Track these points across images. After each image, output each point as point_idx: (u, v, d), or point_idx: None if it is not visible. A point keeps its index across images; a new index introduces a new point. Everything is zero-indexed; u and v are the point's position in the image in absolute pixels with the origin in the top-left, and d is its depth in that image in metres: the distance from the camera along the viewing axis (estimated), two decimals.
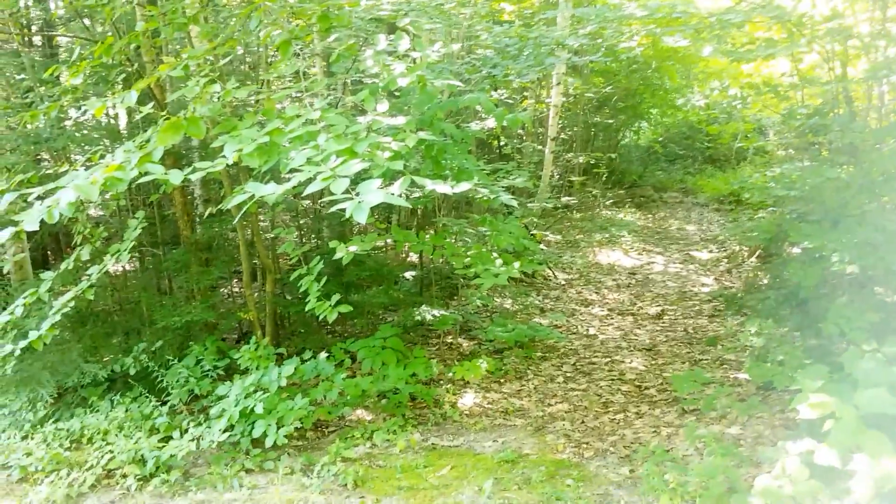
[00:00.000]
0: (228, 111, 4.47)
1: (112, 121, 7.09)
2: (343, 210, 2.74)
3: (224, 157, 3.53)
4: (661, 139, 19.44)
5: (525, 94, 13.97)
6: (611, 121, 15.62)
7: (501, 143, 12.74)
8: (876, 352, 4.41)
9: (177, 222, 6.70)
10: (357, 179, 3.01)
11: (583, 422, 5.63)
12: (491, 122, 8.60)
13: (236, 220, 5.60)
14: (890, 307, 5.67)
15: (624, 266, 11.15)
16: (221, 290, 7.68)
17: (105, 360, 5.91)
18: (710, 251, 12.11)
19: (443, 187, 3.31)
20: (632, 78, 14.37)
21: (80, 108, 6.70)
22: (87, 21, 7.19)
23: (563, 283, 10.01)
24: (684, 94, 18.02)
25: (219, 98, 3.80)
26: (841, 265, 4.73)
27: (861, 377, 4.23)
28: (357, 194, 2.81)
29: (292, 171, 3.17)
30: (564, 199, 12.46)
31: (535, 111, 13.32)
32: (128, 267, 7.27)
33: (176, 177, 3.44)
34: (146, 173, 3.49)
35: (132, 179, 3.60)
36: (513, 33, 7.46)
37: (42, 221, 3.38)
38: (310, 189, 2.96)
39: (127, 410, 5.30)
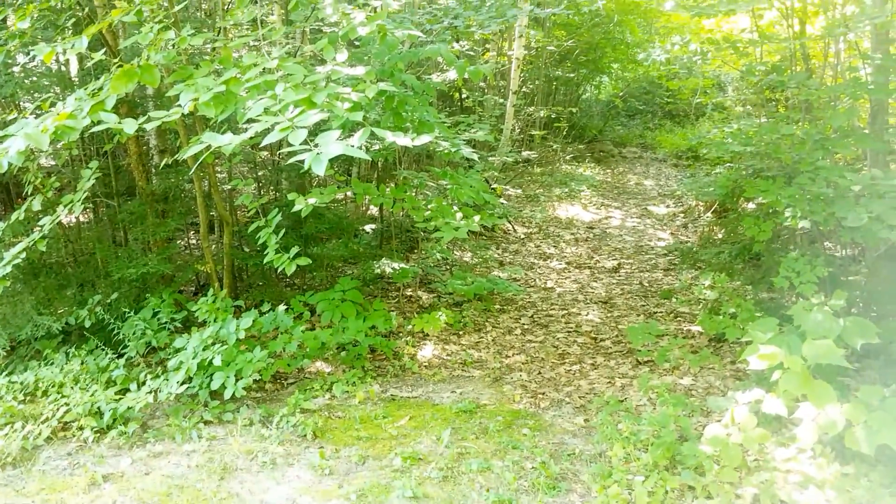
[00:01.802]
0: (184, 59, 4.37)
1: (63, 67, 6.86)
2: (302, 162, 2.72)
3: (179, 106, 3.46)
4: (621, 94, 19.49)
5: (487, 46, 13.85)
6: (572, 75, 15.60)
7: (463, 96, 12.66)
8: (823, 305, 4.54)
9: (132, 173, 6.57)
10: (316, 130, 2.98)
11: (539, 373, 5.73)
12: (452, 74, 8.53)
13: (192, 170, 5.51)
14: (838, 261, 5.83)
15: (582, 220, 11.25)
16: (178, 241, 7.57)
17: (59, 312, 5.82)
18: (668, 206, 12.26)
19: (403, 140, 3.28)
20: (593, 32, 14.33)
21: (28, 54, 6.49)
22: None
23: (522, 236, 10.07)
24: (645, 49, 18.04)
25: (174, 45, 3.70)
26: (793, 220, 4.83)
27: (809, 329, 4.35)
28: (316, 145, 2.78)
29: (249, 121, 3.12)
30: (525, 154, 12.45)
31: (497, 64, 13.24)
32: (82, 218, 7.12)
33: (130, 126, 3.36)
34: (99, 122, 3.41)
35: (84, 128, 3.52)
36: None
37: None
38: (267, 140, 2.92)
39: (82, 363, 5.24)
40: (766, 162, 5.80)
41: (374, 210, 8.87)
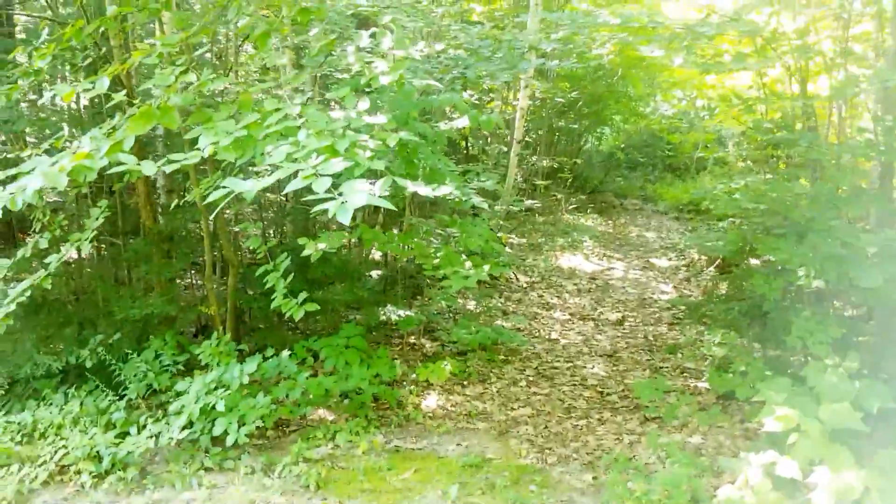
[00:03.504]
0: (199, 101, 4.36)
1: (73, 105, 6.88)
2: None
3: (199, 149, 3.44)
4: (622, 146, 19.58)
5: (491, 95, 13.96)
6: (575, 126, 15.70)
7: (468, 144, 12.72)
8: (838, 366, 4.49)
9: (138, 212, 6.54)
10: (335, 177, 2.95)
11: (546, 427, 5.63)
12: (459, 123, 8.56)
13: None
14: (849, 322, 5.78)
15: (585, 271, 11.21)
16: (179, 282, 7.50)
17: (59, 350, 5.73)
18: (670, 259, 12.24)
19: (424, 189, 3.27)
20: (597, 84, 14.47)
21: (38, 92, 6.51)
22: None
23: (524, 285, 10.02)
24: (648, 102, 18.27)
25: (193, 88, 3.70)
26: (807, 279, 4.80)
27: (823, 391, 4.30)
28: (340, 194, 2.75)
29: (271, 166, 3.09)
30: (528, 202, 12.47)
31: (502, 113, 13.32)
32: (84, 255, 7.06)
33: (149, 168, 3.33)
34: (118, 163, 3.38)
35: (101, 168, 3.49)
36: (485, 34, 7.44)
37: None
38: (290, 187, 2.89)
39: (82, 404, 5.14)
40: (775, 219, 5.78)
41: (375, 255, 8.82)
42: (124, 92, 3.74)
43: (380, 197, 2.81)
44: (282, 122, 3.40)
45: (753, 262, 8.11)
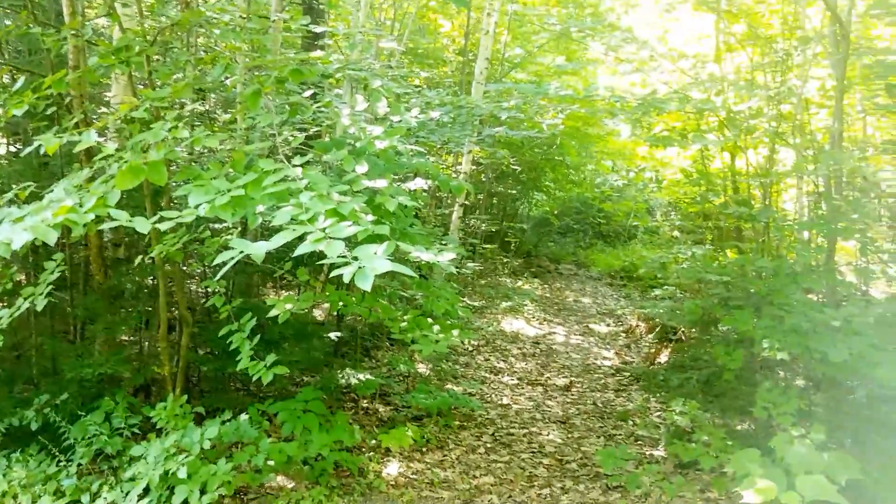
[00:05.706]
0: (184, 158, 4.27)
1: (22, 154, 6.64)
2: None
3: (191, 207, 3.34)
4: (555, 212, 19.99)
5: (432, 158, 14.13)
6: (512, 191, 16.04)
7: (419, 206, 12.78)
8: (804, 437, 4.60)
9: (86, 266, 6.29)
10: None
11: (510, 496, 5.56)
12: (414, 185, 8.61)
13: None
14: (799, 392, 5.96)
15: (527, 335, 11.27)
16: (126, 338, 7.19)
17: None
18: (608, 325, 12.44)
19: (427, 255, 3.24)
20: (533, 152, 14.88)
21: None
22: None
23: (470, 349, 10.00)
24: (581, 171, 18.81)
25: (186, 144, 3.62)
26: (772, 351, 4.94)
27: (793, 463, 4.38)
28: (355, 258, 2.71)
29: (275, 229, 3.03)
30: (470, 265, 12.55)
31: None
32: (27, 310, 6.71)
33: (142, 225, 3.22)
34: (107, 217, 3.26)
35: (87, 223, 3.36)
36: (446, 101, 7.57)
37: None
38: (300, 250, 2.84)
39: (27, 469, 4.82)
40: (733, 291, 5.96)
41: (317, 313, 8.69)
42: (117, 145, 3.62)
43: (396, 264, 2.78)
44: (281, 182, 3.35)
45: (693, 331, 8.35)
